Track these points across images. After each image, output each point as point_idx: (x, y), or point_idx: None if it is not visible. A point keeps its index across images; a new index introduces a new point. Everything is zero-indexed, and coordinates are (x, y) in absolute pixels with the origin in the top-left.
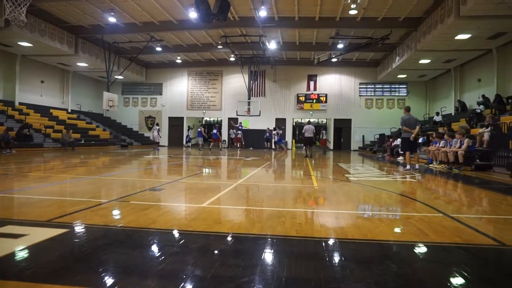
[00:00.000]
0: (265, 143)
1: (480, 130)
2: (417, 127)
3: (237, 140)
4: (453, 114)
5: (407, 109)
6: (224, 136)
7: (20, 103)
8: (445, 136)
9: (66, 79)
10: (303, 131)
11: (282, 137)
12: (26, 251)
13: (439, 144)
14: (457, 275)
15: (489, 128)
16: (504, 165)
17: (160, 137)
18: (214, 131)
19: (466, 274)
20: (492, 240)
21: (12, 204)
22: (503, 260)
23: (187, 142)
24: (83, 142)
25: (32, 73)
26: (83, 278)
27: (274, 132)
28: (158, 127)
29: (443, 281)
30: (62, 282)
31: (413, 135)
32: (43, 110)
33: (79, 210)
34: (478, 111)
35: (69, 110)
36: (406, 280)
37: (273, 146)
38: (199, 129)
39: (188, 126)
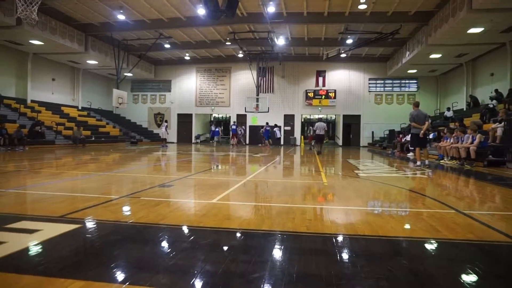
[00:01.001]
0: (263, 139)
1: (493, 126)
2: (427, 123)
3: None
4: (464, 109)
5: (416, 105)
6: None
7: (32, 101)
8: (457, 132)
9: (77, 76)
10: (314, 128)
11: (268, 132)
12: (40, 246)
13: (451, 140)
14: (470, 272)
15: (502, 124)
16: None
17: (168, 133)
18: (234, 127)
19: (479, 271)
20: (505, 236)
21: (26, 200)
22: None
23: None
24: (93, 139)
25: (43, 71)
26: (95, 272)
27: (275, 128)
28: (166, 124)
29: (455, 278)
30: (75, 276)
31: (422, 131)
32: (54, 108)
33: (91, 206)
34: (491, 106)
35: (80, 108)
36: (417, 276)
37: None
38: (217, 128)
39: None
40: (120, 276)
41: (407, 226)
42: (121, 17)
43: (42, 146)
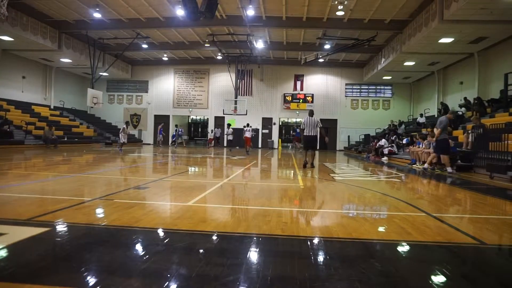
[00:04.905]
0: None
1: (469, 130)
2: (438, 129)
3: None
4: (436, 115)
5: (449, 112)
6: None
7: (0, 99)
8: (429, 137)
9: (49, 75)
10: (301, 127)
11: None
12: (5, 250)
13: (423, 145)
14: (439, 273)
15: (477, 129)
16: (484, 166)
17: (127, 134)
18: (249, 129)
19: (447, 272)
20: (472, 239)
21: None
22: (483, 258)
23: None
24: (66, 139)
25: (13, 68)
26: (65, 277)
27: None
28: (123, 126)
29: (425, 279)
30: (43, 282)
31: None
32: (24, 107)
33: (61, 209)
34: (460, 113)
35: (52, 107)
36: (389, 278)
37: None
38: (180, 129)
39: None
40: (91, 280)
41: (380, 228)
42: (97, 15)
43: (10, 146)
